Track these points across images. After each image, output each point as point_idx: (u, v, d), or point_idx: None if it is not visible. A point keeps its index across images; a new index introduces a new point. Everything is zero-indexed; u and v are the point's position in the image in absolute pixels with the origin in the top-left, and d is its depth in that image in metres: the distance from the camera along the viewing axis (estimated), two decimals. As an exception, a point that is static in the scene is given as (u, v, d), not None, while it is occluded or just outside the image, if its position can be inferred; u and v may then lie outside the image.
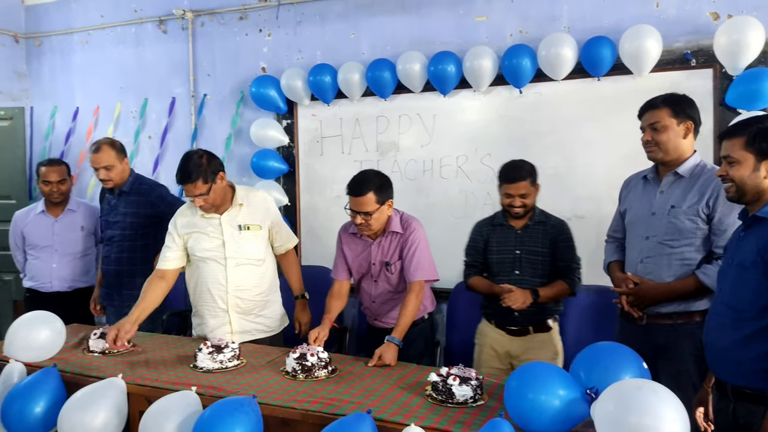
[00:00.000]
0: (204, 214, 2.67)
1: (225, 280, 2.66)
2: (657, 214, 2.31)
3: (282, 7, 4.05)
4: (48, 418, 2.07)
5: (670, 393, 1.48)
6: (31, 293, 3.61)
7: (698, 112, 2.32)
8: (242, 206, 2.72)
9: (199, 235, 2.67)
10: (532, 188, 2.66)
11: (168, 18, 4.40)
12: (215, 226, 2.67)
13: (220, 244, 2.66)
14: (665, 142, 2.27)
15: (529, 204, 2.67)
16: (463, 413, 1.83)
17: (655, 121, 2.28)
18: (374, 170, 2.67)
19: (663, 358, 2.24)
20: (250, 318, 2.74)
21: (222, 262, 2.66)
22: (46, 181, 3.49)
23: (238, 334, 2.69)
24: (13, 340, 2.36)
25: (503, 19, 3.55)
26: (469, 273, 2.84)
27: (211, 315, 2.70)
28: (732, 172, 1.82)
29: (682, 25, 3.19)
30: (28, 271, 3.62)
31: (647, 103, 2.35)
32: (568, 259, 2.69)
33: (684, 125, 2.27)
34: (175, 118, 4.45)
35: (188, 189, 2.56)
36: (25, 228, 3.59)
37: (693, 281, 2.20)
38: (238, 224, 2.69)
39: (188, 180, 2.53)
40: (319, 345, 2.38)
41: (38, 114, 4.88)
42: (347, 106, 3.89)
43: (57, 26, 4.80)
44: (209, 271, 2.68)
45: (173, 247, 2.70)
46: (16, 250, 3.66)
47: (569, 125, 3.40)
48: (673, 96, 2.32)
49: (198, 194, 2.55)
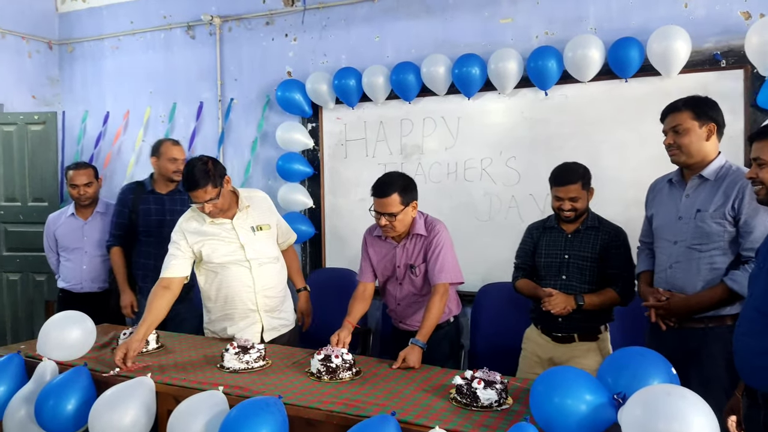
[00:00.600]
0: (213, 220, 2.65)
1: (252, 282, 2.69)
2: (683, 219, 2.28)
3: (308, 11, 4.08)
4: (79, 415, 2.11)
5: (699, 399, 1.45)
6: (64, 293, 3.70)
7: (721, 114, 2.28)
8: (249, 208, 2.74)
9: (214, 242, 2.66)
10: (584, 192, 2.56)
11: (196, 24, 4.47)
12: (228, 231, 2.68)
13: (238, 248, 2.68)
14: (687, 145, 2.24)
15: (580, 208, 2.58)
16: (488, 417, 1.82)
17: (676, 124, 2.25)
18: (399, 172, 2.68)
19: (694, 363, 2.20)
20: (276, 314, 2.79)
21: (245, 265, 2.69)
22: (73, 184, 3.58)
23: (268, 332, 2.74)
24: (46, 340, 2.42)
25: (529, 20, 3.53)
26: (517, 275, 2.79)
27: (241, 317, 2.73)
28: (762, 174, 1.78)
29: (712, 26, 3.14)
30: (61, 272, 3.71)
31: (669, 106, 2.32)
32: (619, 267, 2.56)
33: (706, 127, 2.23)
34: (203, 122, 4.52)
35: (198, 195, 2.53)
36: (57, 230, 3.68)
37: (722, 289, 2.16)
38: (251, 226, 2.72)
39: (197, 186, 2.51)
40: (342, 347, 2.39)
41: (70, 118, 5.00)
42: (371, 109, 3.91)
43: (88, 33, 4.92)
44: (234, 276, 2.69)
45: (180, 256, 2.63)
46: (50, 252, 3.75)
47: (595, 127, 3.37)
48: (694, 98, 2.28)
49: (208, 199, 2.54)
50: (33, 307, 4.58)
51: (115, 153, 4.81)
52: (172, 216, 3.32)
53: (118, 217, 3.48)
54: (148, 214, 3.42)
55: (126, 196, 3.49)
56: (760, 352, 1.72)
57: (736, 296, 2.12)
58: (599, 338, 2.62)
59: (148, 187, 3.48)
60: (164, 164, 3.43)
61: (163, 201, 3.42)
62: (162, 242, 3.32)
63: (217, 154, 4.42)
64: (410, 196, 2.57)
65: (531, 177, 3.50)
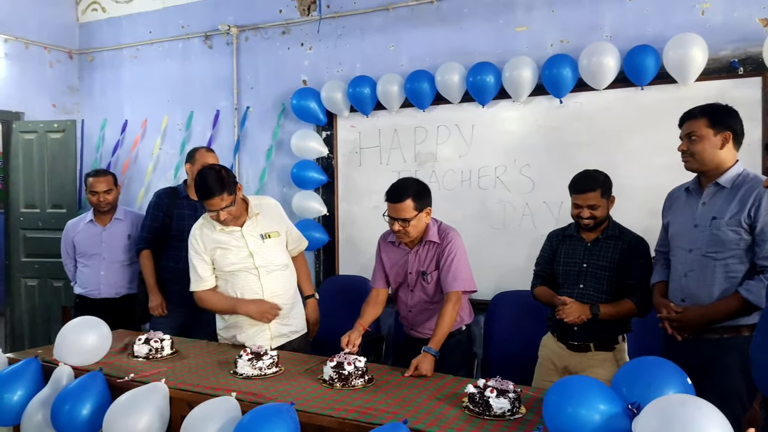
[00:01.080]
0: (224, 228, 2.69)
1: (261, 289, 2.72)
2: (699, 226, 2.25)
3: (323, 21, 4.12)
4: (94, 420, 2.13)
5: (714, 409, 1.43)
6: (81, 299, 3.73)
7: (740, 122, 2.26)
8: (258, 215, 2.77)
9: (223, 250, 2.70)
10: (603, 200, 2.53)
11: (214, 33, 4.53)
12: (238, 238, 2.71)
13: (247, 255, 2.71)
14: (699, 153, 2.23)
15: (599, 216, 2.55)
16: (501, 426, 1.81)
17: (691, 131, 2.24)
18: (413, 178, 2.68)
19: (709, 373, 2.17)
20: (285, 321, 2.80)
21: (254, 272, 2.72)
22: (93, 191, 3.61)
23: (277, 339, 2.76)
24: (62, 345, 2.44)
25: (544, 29, 3.53)
26: (536, 282, 2.78)
27: (250, 324, 2.74)
28: None
29: (729, 33, 3.11)
30: (78, 278, 3.75)
31: (686, 112, 2.31)
32: (638, 278, 2.51)
33: (721, 135, 2.21)
34: (219, 130, 4.56)
35: (214, 203, 2.56)
36: (75, 237, 3.72)
37: (737, 300, 2.13)
38: (260, 233, 2.75)
39: (214, 194, 2.54)
40: (352, 348, 2.41)
41: (89, 126, 5.08)
42: (386, 117, 3.92)
43: (108, 42, 5.00)
44: (242, 283, 2.72)
45: (206, 267, 2.72)
46: (67, 258, 3.79)
47: (611, 136, 3.35)
48: (712, 106, 2.26)
49: (224, 207, 2.57)
50: (50, 312, 4.64)
51: (133, 160, 4.87)
52: None
53: (153, 221, 3.51)
54: (182, 218, 3.44)
55: (161, 200, 3.51)
56: (778, 363, 1.69)
57: (752, 307, 2.09)
58: (616, 348, 2.58)
59: (183, 192, 3.52)
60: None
61: (196, 207, 3.44)
62: None
63: (233, 162, 4.46)
64: (424, 201, 2.57)
65: (545, 185, 3.49)
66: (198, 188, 2.61)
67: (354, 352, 2.40)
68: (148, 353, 2.58)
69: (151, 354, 2.58)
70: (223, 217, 2.61)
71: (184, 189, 3.53)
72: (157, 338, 2.62)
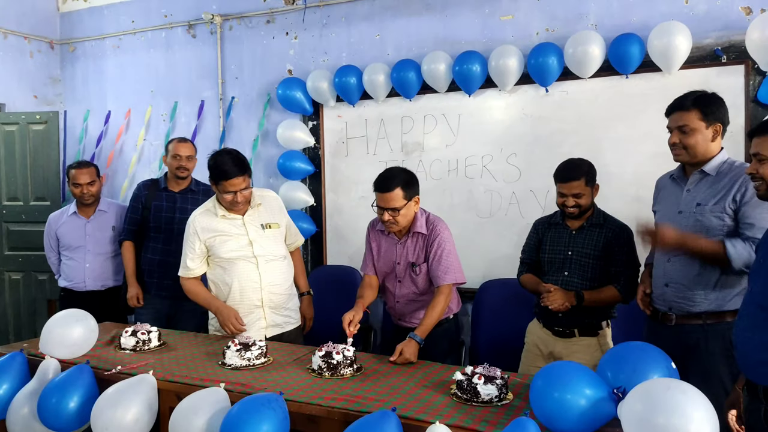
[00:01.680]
0: (226, 215, 2.72)
1: (258, 278, 2.73)
2: (684, 213, 2.28)
3: (308, 10, 4.08)
4: (82, 413, 2.12)
5: (699, 393, 1.45)
6: (66, 292, 3.70)
7: (727, 112, 2.26)
8: (260, 206, 2.80)
9: (223, 237, 2.72)
10: (587, 188, 2.55)
11: (197, 22, 4.48)
12: (239, 226, 2.73)
13: (246, 244, 2.73)
14: (693, 146, 2.22)
15: (584, 204, 2.57)
16: (488, 412, 1.82)
17: (683, 124, 2.22)
18: (400, 167, 2.68)
19: (692, 358, 2.20)
20: (281, 311, 2.81)
21: (252, 261, 2.73)
22: (76, 183, 3.57)
23: (272, 328, 2.78)
24: (48, 338, 2.42)
25: (529, 17, 3.53)
26: (522, 270, 2.81)
27: (246, 312, 2.75)
28: (762, 169, 1.78)
29: (713, 21, 3.13)
30: (63, 271, 3.71)
31: (676, 102, 2.28)
32: (622, 265, 2.55)
33: (713, 128, 2.21)
34: (204, 120, 4.52)
35: (235, 183, 2.61)
36: (58, 230, 3.68)
37: (718, 246, 2.09)
38: (260, 223, 2.77)
39: (234, 175, 2.59)
40: (354, 327, 2.43)
41: (71, 118, 5.01)
42: (372, 106, 3.91)
43: (90, 32, 4.93)
44: (240, 271, 2.73)
45: (195, 257, 2.76)
46: (50, 251, 3.75)
47: (596, 124, 3.37)
48: (703, 97, 2.24)
49: (245, 187, 2.64)
50: (35, 305, 4.59)
51: (117, 152, 4.82)
52: (182, 214, 3.35)
53: (132, 212, 3.52)
54: (160, 210, 3.45)
55: (140, 191, 3.52)
56: (760, 347, 1.72)
57: (726, 261, 2.07)
58: (600, 334, 2.62)
59: (162, 184, 3.51)
60: (169, 162, 3.48)
61: (175, 199, 3.45)
62: (170, 239, 3.38)
63: (219, 153, 4.43)
64: (413, 190, 2.58)
65: (532, 174, 3.51)
66: (217, 169, 2.63)
67: (354, 332, 2.44)
68: (135, 345, 2.56)
69: (139, 346, 2.56)
70: (240, 199, 2.64)
71: (164, 181, 3.52)
72: (144, 330, 2.60)
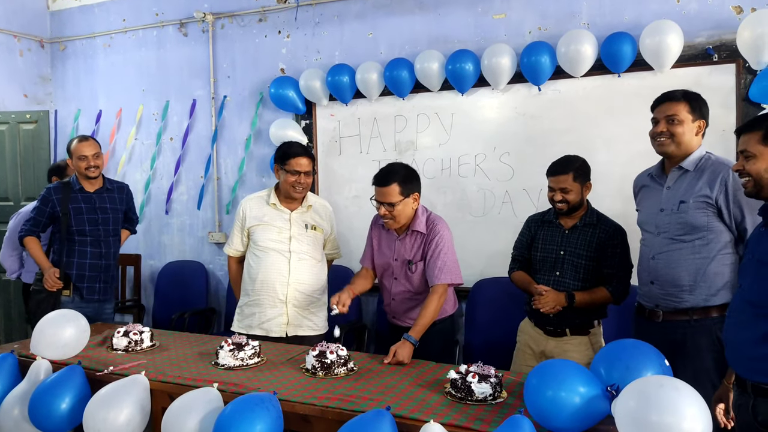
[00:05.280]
0: (277, 204, 2.83)
1: (288, 272, 2.78)
2: (665, 210, 2.30)
3: (300, 8, 4.07)
4: (73, 414, 2.11)
5: (692, 390, 1.46)
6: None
7: (709, 113, 2.32)
8: (311, 208, 2.88)
9: (267, 226, 2.82)
10: (575, 184, 2.53)
11: (188, 21, 4.45)
12: (285, 220, 2.82)
13: (286, 238, 2.80)
14: (680, 135, 2.26)
15: (572, 200, 2.55)
16: (483, 410, 1.82)
17: (673, 114, 2.26)
18: (402, 163, 2.70)
19: (680, 355, 2.21)
20: (304, 312, 2.83)
21: (286, 255, 2.79)
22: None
23: (292, 327, 2.80)
24: (39, 338, 2.41)
25: (522, 16, 3.53)
26: (513, 267, 2.79)
27: (270, 305, 2.79)
28: (749, 166, 1.79)
29: (704, 20, 3.15)
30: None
31: (665, 95, 2.33)
32: (614, 266, 2.53)
33: (698, 123, 2.28)
34: (196, 119, 4.50)
35: (303, 163, 2.75)
36: None
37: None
38: (305, 223, 2.85)
39: (305, 154, 2.77)
40: (342, 308, 2.47)
41: (62, 117, 4.98)
42: (365, 105, 3.91)
43: (80, 31, 4.89)
44: (272, 262, 2.79)
45: (238, 237, 2.91)
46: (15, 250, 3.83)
47: (589, 122, 3.37)
48: (691, 93, 2.31)
49: (308, 171, 2.78)
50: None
51: (111, 152, 4.78)
52: (103, 214, 3.33)
53: (37, 214, 3.29)
54: (80, 213, 3.29)
55: (50, 195, 3.29)
56: (749, 343, 1.73)
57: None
58: (591, 332, 2.62)
59: (76, 186, 3.32)
60: (76, 164, 3.29)
61: (93, 200, 3.33)
62: (98, 242, 3.31)
63: (211, 152, 4.41)
64: (411, 187, 2.58)
65: (525, 172, 3.51)
66: (288, 148, 2.80)
67: (343, 312, 2.47)
68: (127, 346, 2.55)
69: (131, 346, 2.55)
70: (303, 180, 2.76)
71: (78, 182, 3.34)
72: (137, 331, 2.59)
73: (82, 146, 3.28)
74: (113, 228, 3.40)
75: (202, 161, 4.48)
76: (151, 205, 4.69)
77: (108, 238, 3.36)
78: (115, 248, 3.45)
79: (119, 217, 3.44)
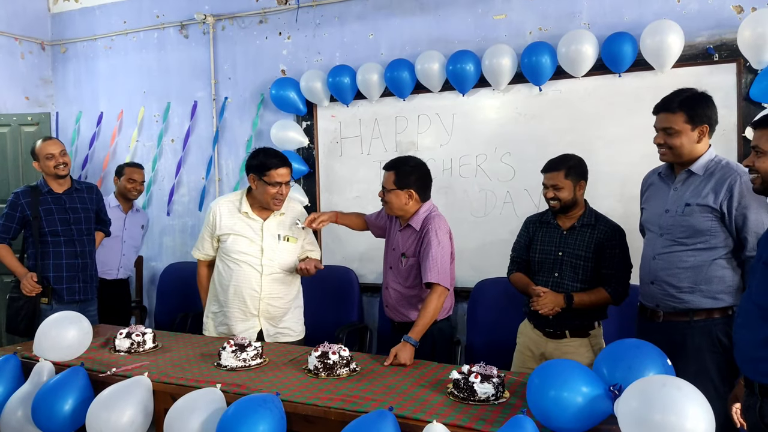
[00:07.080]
0: (249, 213, 2.73)
1: (260, 287, 2.72)
2: (670, 212, 2.29)
3: (301, 9, 4.08)
4: (76, 415, 2.11)
5: (695, 390, 1.46)
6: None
7: (716, 111, 2.26)
8: (284, 215, 2.79)
9: (238, 237, 2.73)
10: (567, 181, 2.52)
11: (189, 23, 4.46)
12: (256, 230, 2.73)
13: (258, 250, 2.72)
14: (678, 147, 2.23)
15: (563, 198, 2.54)
16: (485, 410, 1.82)
17: (669, 126, 2.22)
18: (420, 161, 2.73)
19: (680, 355, 2.21)
20: (276, 323, 2.81)
21: (258, 269, 2.72)
22: (131, 179, 3.96)
23: (268, 336, 2.78)
24: (42, 340, 2.41)
25: (522, 16, 3.53)
26: (511, 268, 2.78)
27: (241, 318, 2.75)
28: (759, 163, 1.79)
29: (705, 20, 3.15)
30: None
31: (663, 103, 2.27)
32: (613, 267, 2.52)
33: (699, 129, 2.21)
34: (197, 121, 4.50)
35: (283, 174, 2.67)
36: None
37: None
38: (278, 234, 2.76)
39: (286, 164, 2.69)
40: (317, 224, 2.62)
41: (63, 119, 4.98)
42: (366, 106, 3.91)
43: (81, 33, 4.90)
44: (244, 276, 2.72)
45: (210, 241, 2.82)
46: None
47: (590, 122, 3.37)
48: (690, 98, 2.23)
49: (288, 180, 2.71)
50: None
51: (111, 154, 4.79)
52: (75, 214, 3.32)
53: (7, 220, 3.24)
54: (51, 214, 3.27)
55: (19, 199, 3.25)
56: (756, 344, 1.72)
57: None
58: (591, 334, 2.61)
59: (44, 188, 3.30)
60: (44, 164, 3.28)
61: (62, 200, 3.31)
62: (72, 242, 3.29)
63: (212, 153, 4.42)
64: (407, 182, 2.60)
65: (526, 172, 3.51)
66: (266, 159, 2.66)
67: (317, 228, 2.61)
68: (129, 347, 2.55)
69: (133, 348, 2.55)
70: (284, 191, 2.69)
71: (46, 184, 3.32)
72: (139, 332, 2.60)
73: (48, 145, 3.29)
74: (86, 227, 3.38)
75: (203, 163, 4.48)
76: (152, 207, 4.69)
77: (82, 237, 3.35)
78: (90, 248, 3.42)
79: (91, 216, 3.42)
